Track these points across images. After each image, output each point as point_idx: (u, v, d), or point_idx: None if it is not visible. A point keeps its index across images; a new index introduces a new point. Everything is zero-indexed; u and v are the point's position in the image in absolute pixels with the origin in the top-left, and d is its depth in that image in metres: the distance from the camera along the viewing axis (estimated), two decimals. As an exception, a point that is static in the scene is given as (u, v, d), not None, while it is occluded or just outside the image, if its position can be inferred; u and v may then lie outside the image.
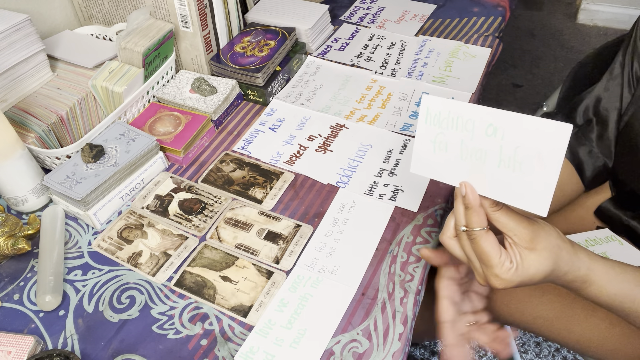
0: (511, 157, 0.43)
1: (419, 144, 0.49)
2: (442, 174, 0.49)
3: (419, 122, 0.48)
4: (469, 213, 0.46)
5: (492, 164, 0.45)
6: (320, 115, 0.80)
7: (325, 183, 0.70)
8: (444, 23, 0.99)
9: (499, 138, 0.43)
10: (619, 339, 0.63)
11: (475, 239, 0.46)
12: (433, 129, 0.47)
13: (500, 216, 0.46)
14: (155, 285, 0.60)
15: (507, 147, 0.43)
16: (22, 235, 0.60)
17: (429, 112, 0.47)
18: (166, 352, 0.53)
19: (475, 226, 0.46)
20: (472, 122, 0.44)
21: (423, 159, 0.49)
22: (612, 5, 2.18)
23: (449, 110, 0.46)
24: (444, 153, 0.48)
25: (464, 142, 0.46)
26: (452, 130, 0.46)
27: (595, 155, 0.70)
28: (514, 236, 0.45)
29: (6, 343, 0.51)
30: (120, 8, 0.85)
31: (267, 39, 0.88)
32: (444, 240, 0.51)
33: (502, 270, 0.46)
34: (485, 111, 0.44)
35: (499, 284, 0.46)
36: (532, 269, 0.45)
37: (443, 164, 0.48)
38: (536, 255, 0.45)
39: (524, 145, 0.42)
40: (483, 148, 0.45)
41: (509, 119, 0.42)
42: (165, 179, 0.71)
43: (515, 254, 0.46)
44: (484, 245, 0.46)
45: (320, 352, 0.52)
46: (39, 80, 0.76)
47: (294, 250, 0.62)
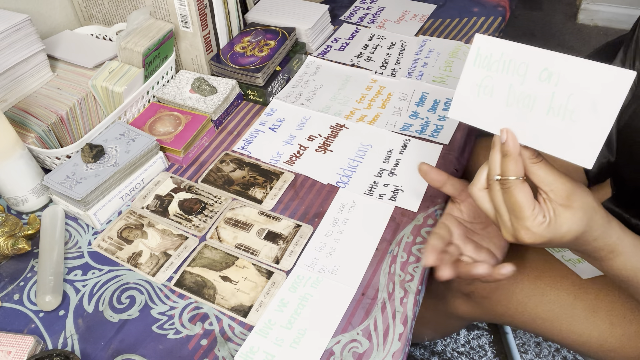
0: (563, 104, 0.42)
1: (462, 87, 0.47)
2: (482, 120, 0.47)
3: (467, 64, 0.46)
4: (506, 161, 0.45)
5: (540, 112, 0.43)
6: (320, 115, 0.80)
7: (325, 183, 0.70)
8: (444, 23, 0.99)
9: (553, 84, 0.42)
10: (619, 339, 0.63)
11: (509, 188, 0.45)
12: (481, 71, 0.46)
13: (539, 169, 0.44)
14: (155, 285, 0.60)
15: (560, 93, 0.42)
16: (22, 235, 0.60)
17: (480, 53, 0.45)
18: (166, 352, 0.53)
19: (511, 174, 0.44)
20: (525, 65, 0.43)
21: (464, 103, 0.48)
22: (612, 5, 2.18)
23: (502, 51, 0.44)
24: (488, 98, 0.46)
25: (512, 86, 0.44)
26: (502, 74, 0.44)
27: (602, 152, 0.70)
28: (550, 191, 0.44)
29: (6, 343, 0.51)
30: (120, 8, 0.85)
31: (267, 39, 0.88)
32: (473, 191, 0.49)
33: (534, 223, 0.44)
34: (543, 54, 0.42)
35: (529, 238, 0.45)
36: (565, 227, 0.44)
37: (485, 110, 0.47)
38: (571, 213, 0.44)
39: (579, 92, 0.40)
40: (533, 94, 0.43)
41: (568, 63, 0.41)
42: (165, 179, 0.71)
43: (549, 209, 0.44)
44: (518, 195, 0.44)
45: (320, 352, 0.52)
46: (39, 80, 0.76)
47: (294, 250, 0.62)
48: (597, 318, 0.64)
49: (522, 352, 1.17)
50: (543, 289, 0.67)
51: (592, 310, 0.64)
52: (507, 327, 1.17)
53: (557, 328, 0.66)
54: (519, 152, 0.45)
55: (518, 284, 0.68)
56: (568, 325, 0.65)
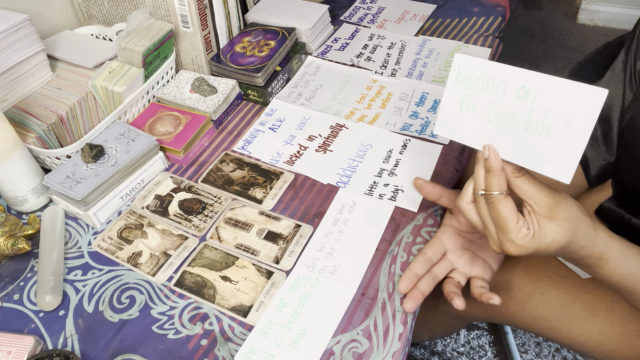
0: (540, 121, 0.43)
1: (445, 105, 0.49)
2: (465, 136, 0.48)
3: (449, 82, 0.48)
4: (489, 176, 0.46)
5: (519, 128, 0.44)
6: (320, 115, 0.80)
7: (325, 183, 0.70)
8: (444, 23, 0.99)
9: (530, 101, 0.43)
10: (619, 340, 0.63)
11: (493, 202, 0.46)
12: (462, 89, 0.47)
13: (522, 183, 0.45)
14: (155, 285, 0.60)
15: (537, 110, 0.43)
16: (22, 235, 0.60)
17: (460, 71, 0.47)
18: (166, 352, 0.53)
19: (494, 190, 0.46)
20: (503, 83, 0.44)
21: (448, 120, 0.49)
22: (612, 5, 2.18)
23: (481, 70, 0.45)
24: (470, 115, 0.47)
25: (492, 104, 0.45)
26: (482, 92, 0.46)
27: (600, 152, 0.70)
28: (534, 204, 0.45)
29: (6, 343, 0.51)
30: (120, 8, 0.85)
31: (267, 39, 0.88)
32: (461, 204, 0.50)
33: (518, 236, 0.45)
34: (519, 73, 0.43)
35: (514, 250, 0.46)
36: (549, 238, 0.45)
37: (468, 126, 0.48)
38: (555, 224, 0.45)
39: (555, 109, 0.42)
40: (512, 111, 0.44)
41: (543, 81, 0.42)
42: (165, 179, 0.71)
43: (533, 221, 0.45)
44: (502, 209, 0.45)
45: (320, 352, 0.52)
46: (39, 80, 0.76)
47: (294, 250, 0.62)
48: (597, 318, 0.64)
49: (522, 352, 1.17)
50: (543, 288, 0.67)
51: (591, 310, 0.64)
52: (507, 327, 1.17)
53: (557, 328, 0.66)
54: (501, 168, 0.46)
55: (518, 284, 0.68)
56: (568, 325, 0.65)
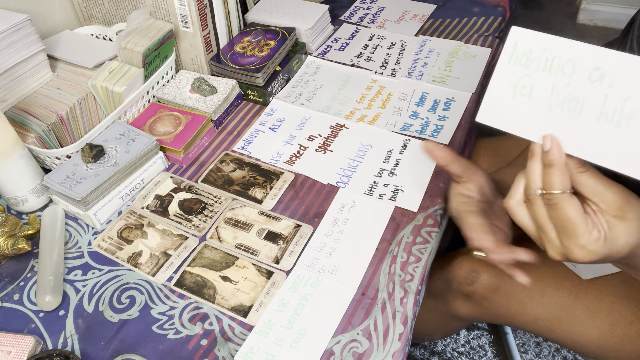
0: (617, 109, 0.37)
1: (494, 88, 0.42)
2: (518, 125, 0.42)
3: (501, 61, 0.41)
4: (551, 172, 0.40)
5: (589, 117, 0.38)
6: (320, 115, 0.80)
7: (325, 183, 0.70)
8: (444, 23, 0.99)
9: (606, 86, 0.37)
10: (620, 340, 0.63)
11: (557, 204, 0.40)
12: (518, 69, 0.41)
13: (587, 179, 0.40)
14: (155, 285, 0.60)
15: (614, 96, 0.37)
16: (22, 235, 0.60)
17: (517, 48, 0.40)
18: (166, 352, 0.53)
19: (557, 188, 0.40)
20: (572, 63, 0.38)
21: (496, 106, 0.43)
22: (612, 5, 2.19)
23: (544, 47, 0.39)
24: (526, 100, 0.41)
25: (556, 88, 0.39)
26: (543, 73, 0.40)
27: None
28: (601, 202, 0.39)
29: (6, 343, 0.51)
30: (120, 8, 0.85)
31: (267, 39, 0.88)
32: (511, 205, 0.44)
33: (590, 240, 0.39)
34: (594, 51, 0.37)
35: (584, 257, 0.40)
36: (621, 240, 0.39)
37: (522, 114, 0.41)
38: (626, 225, 0.39)
39: (637, 95, 0.36)
40: (581, 97, 0.38)
41: (624, 61, 0.36)
42: (165, 179, 0.71)
43: (601, 222, 0.40)
44: (567, 211, 0.39)
45: (320, 352, 0.52)
46: (39, 80, 0.76)
47: (294, 250, 0.62)
48: (598, 319, 0.64)
49: (522, 352, 1.17)
50: (543, 289, 0.67)
51: (592, 311, 0.64)
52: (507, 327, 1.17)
53: (557, 329, 0.66)
54: (565, 162, 0.40)
55: (518, 285, 0.68)
56: (568, 325, 0.65)
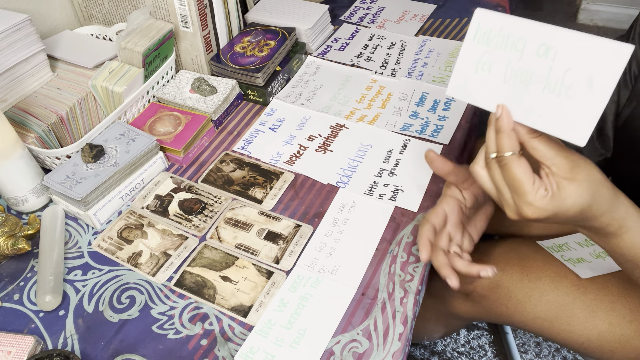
0: (559, 80, 0.41)
1: (461, 64, 0.47)
2: (479, 97, 0.47)
3: (466, 40, 0.46)
4: (500, 137, 0.44)
5: (536, 88, 0.43)
6: (320, 115, 0.80)
7: (325, 183, 0.70)
8: (444, 23, 0.99)
9: (550, 59, 0.41)
10: (619, 340, 0.63)
11: (506, 164, 0.44)
12: (480, 47, 0.45)
13: (539, 144, 0.43)
14: (155, 285, 0.60)
15: (556, 69, 0.41)
16: (22, 235, 0.60)
17: (480, 28, 0.45)
18: (166, 352, 0.53)
19: (506, 150, 0.44)
20: (524, 40, 0.43)
21: (462, 81, 0.47)
22: (612, 5, 2.18)
23: (501, 26, 0.44)
24: (486, 74, 0.46)
25: (510, 62, 0.44)
26: (500, 50, 0.44)
27: (596, 148, 0.70)
28: (553, 165, 0.43)
29: (6, 343, 0.51)
30: (120, 8, 0.85)
31: (267, 39, 0.88)
32: (475, 169, 0.48)
33: (536, 197, 0.43)
34: (541, 28, 0.42)
35: (532, 213, 0.44)
36: (570, 200, 0.43)
37: (482, 87, 0.46)
38: (575, 185, 0.43)
39: (575, 67, 0.40)
40: (530, 70, 0.43)
41: (565, 37, 0.40)
42: (165, 179, 0.71)
43: (551, 182, 0.43)
44: (515, 170, 0.44)
45: (320, 352, 0.52)
46: (39, 80, 0.76)
47: (294, 250, 0.62)
48: (597, 318, 0.64)
49: (522, 352, 1.17)
50: (542, 289, 0.67)
51: (591, 311, 0.64)
52: (507, 327, 1.17)
53: (556, 328, 0.66)
54: (512, 128, 0.44)
55: (517, 284, 0.68)
56: (567, 325, 0.65)
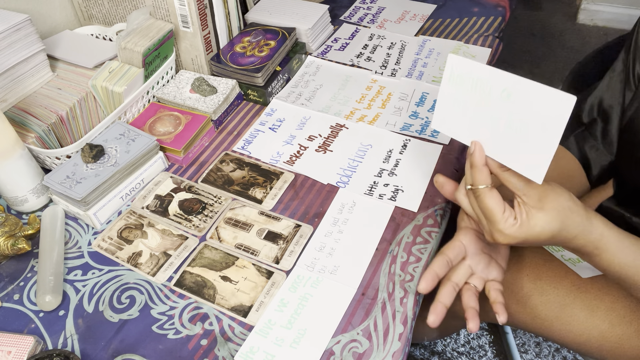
0: (519, 122, 0.45)
1: (441, 102, 0.52)
2: (457, 132, 0.52)
3: (443, 80, 0.51)
4: (474, 171, 0.49)
5: (502, 127, 0.47)
6: (320, 115, 0.80)
7: (325, 183, 0.70)
8: (444, 23, 0.99)
9: (511, 103, 0.45)
10: (619, 339, 0.63)
11: (479, 196, 0.49)
12: (455, 88, 0.50)
13: (510, 176, 0.48)
14: (155, 285, 0.60)
15: (517, 112, 0.45)
16: (22, 235, 0.60)
17: (453, 72, 0.49)
18: (166, 352, 0.53)
19: (479, 184, 0.49)
20: (489, 84, 0.47)
21: (443, 116, 0.53)
22: (612, 5, 2.18)
23: (470, 71, 0.48)
24: (461, 112, 0.50)
25: (480, 103, 0.48)
26: (471, 92, 0.49)
27: (601, 152, 0.70)
28: (523, 195, 0.47)
29: (6, 343, 0.51)
30: (120, 8, 0.85)
31: (267, 39, 0.88)
32: (458, 197, 0.53)
33: (506, 225, 0.48)
34: (502, 75, 0.46)
35: (503, 239, 0.49)
36: (538, 228, 0.47)
37: (460, 123, 0.51)
38: (543, 214, 0.47)
39: (530, 112, 0.44)
40: (496, 111, 0.47)
41: (521, 84, 0.44)
42: (165, 179, 0.71)
43: (521, 212, 0.48)
44: (487, 201, 0.48)
45: (320, 352, 0.52)
46: (39, 80, 0.76)
47: (294, 250, 0.62)
48: (597, 318, 0.64)
49: (522, 352, 1.17)
50: (542, 288, 0.67)
51: (591, 310, 0.64)
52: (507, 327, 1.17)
53: (556, 328, 0.66)
54: (484, 163, 0.49)
55: (517, 284, 0.68)
56: (567, 325, 0.65)
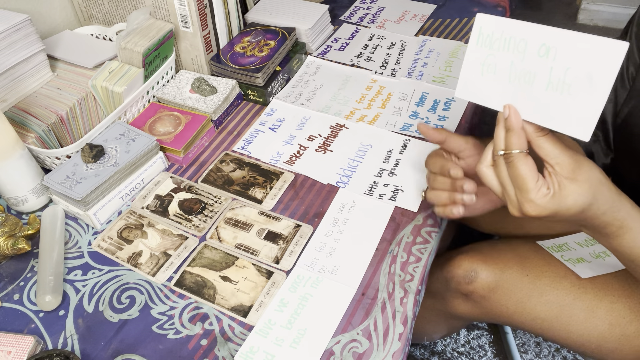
0: (560, 78, 0.43)
1: (467, 67, 0.49)
2: (486, 98, 0.49)
3: (470, 44, 0.48)
4: (510, 135, 0.46)
5: (539, 87, 0.44)
6: (320, 115, 0.80)
7: (325, 183, 0.70)
8: (444, 23, 0.99)
9: (551, 59, 0.43)
10: (619, 340, 0.63)
11: (512, 161, 0.46)
12: (484, 50, 0.47)
13: (545, 142, 0.45)
14: (155, 285, 0.60)
15: (557, 68, 0.43)
16: (22, 235, 0.60)
17: (482, 32, 0.47)
18: (166, 352, 0.53)
19: (514, 148, 0.46)
20: (524, 41, 0.44)
21: (469, 82, 0.50)
22: (612, 5, 2.18)
23: (502, 29, 0.45)
24: (492, 76, 0.48)
25: (513, 63, 0.46)
26: (503, 52, 0.46)
27: (602, 148, 0.70)
28: (556, 164, 0.45)
29: (6, 343, 0.51)
30: (120, 8, 0.85)
31: (267, 39, 0.88)
32: (480, 169, 0.50)
33: (538, 195, 0.45)
34: (540, 29, 0.43)
35: (533, 210, 0.46)
36: (570, 200, 0.45)
37: (489, 88, 0.48)
38: (576, 185, 0.44)
39: (575, 65, 0.42)
40: (533, 70, 0.44)
41: (563, 37, 0.42)
42: (165, 179, 0.71)
43: (554, 181, 0.45)
44: (521, 168, 0.45)
45: (320, 352, 0.52)
46: (39, 80, 0.76)
47: (294, 250, 0.62)
48: (596, 318, 0.64)
49: (522, 352, 1.17)
50: (542, 289, 0.67)
51: (591, 311, 0.64)
52: (507, 327, 1.17)
53: (556, 328, 0.66)
54: (521, 127, 0.46)
55: (517, 284, 0.68)
56: (567, 325, 0.65)
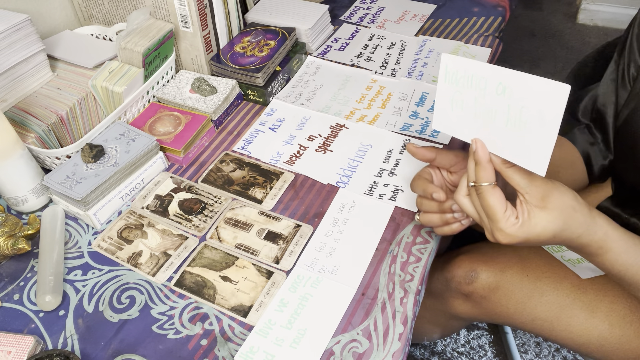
0: (517, 116, 0.45)
1: (439, 102, 0.51)
2: (459, 131, 0.51)
3: (439, 81, 0.50)
4: (478, 168, 0.48)
5: (500, 123, 0.46)
6: (320, 115, 0.80)
7: (325, 183, 0.70)
8: (444, 23, 0.99)
9: (507, 97, 0.45)
10: (619, 340, 0.63)
11: (482, 193, 0.48)
12: (451, 87, 0.49)
13: (513, 173, 0.47)
14: (155, 285, 0.60)
15: (514, 106, 0.45)
16: (22, 235, 0.60)
17: (448, 70, 0.49)
18: (166, 352, 0.53)
19: (482, 181, 0.47)
20: (485, 80, 0.46)
21: (443, 116, 0.52)
22: (612, 5, 2.18)
23: (465, 68, 0.48)
24: (460, 111, 0.50)
25: (477, 100, 0.48)
26: (468, 89, 0.48)
27: (601, 150, 0.70)
28: (526, 194, 0.46)
29: (6, 343, 0.51)
30: (120, 8, 0.85)
31: (267, 39, 0.88)
32: (458, 198, 0.52)
33: (507, 224, 0.47)
34: (495, 70, 0.45)
35: (503, 239, 0.48)
36: (539, 227, 0.46)
37: (459, 122, 0.50)
38: (546, 213, 0.46)
39: (527, 104, 0.44)
40: (493, 107, 0.46)
41: (515, 77, 0.44)
42: (165, 179, 0.71)
43: (524, 210, 0.47)
44: (489, 199, 0.47)
45: (320, 352, 0.52)
46: (39, 80, 0.76)
47: (294, 250, 0.62)
48: (596, 319, 0.64)
49: (522, 352, 1.17)
50: (542, 289, 0.67)
51: (591, 311, 0.64)
52: (507, 327, 1.17)
53: (556, 329, 0.67)
54: (488, 160, 0.48)
55: (517, 285, 0.68)
56: (567, 326, 0.65)
